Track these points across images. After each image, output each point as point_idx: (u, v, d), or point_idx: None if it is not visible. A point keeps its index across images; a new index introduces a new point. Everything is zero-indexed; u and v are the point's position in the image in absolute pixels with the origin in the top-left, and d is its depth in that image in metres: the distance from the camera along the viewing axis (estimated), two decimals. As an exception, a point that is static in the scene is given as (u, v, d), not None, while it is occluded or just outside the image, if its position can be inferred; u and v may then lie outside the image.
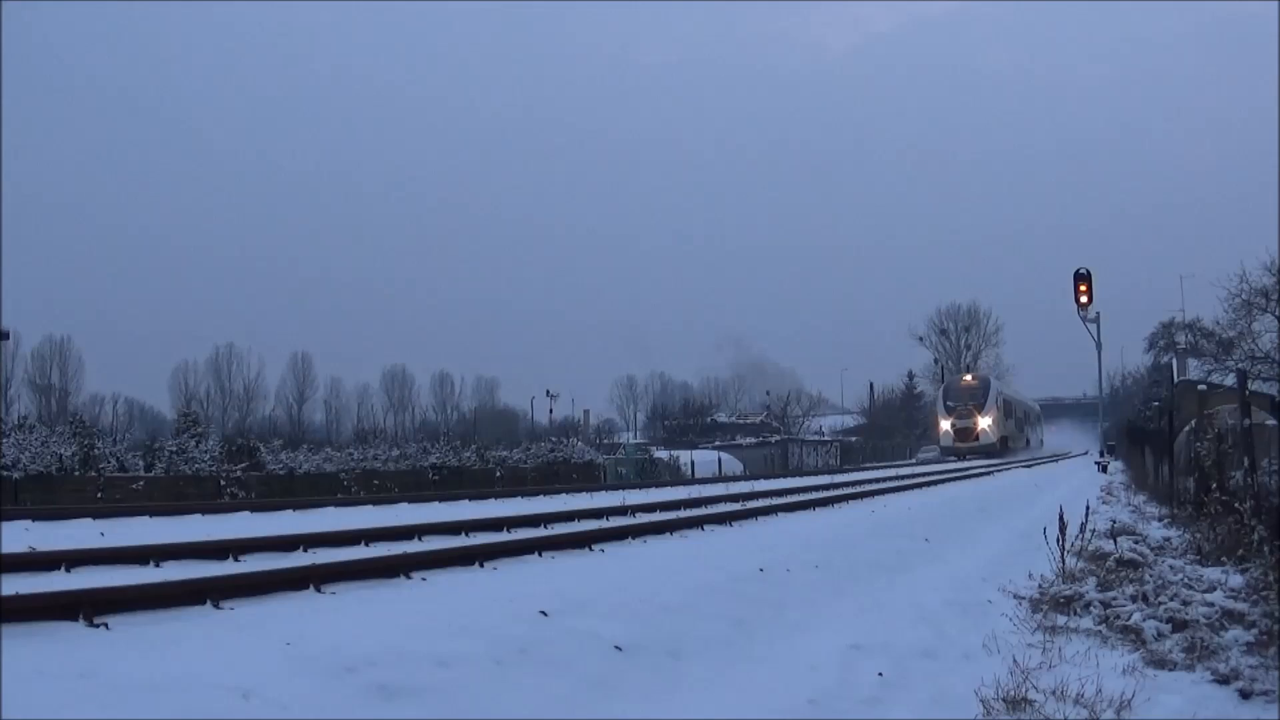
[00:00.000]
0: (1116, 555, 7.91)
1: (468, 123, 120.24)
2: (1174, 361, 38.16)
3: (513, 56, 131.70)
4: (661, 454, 40.20)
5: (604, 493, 19.12)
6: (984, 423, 58.72)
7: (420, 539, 9.40)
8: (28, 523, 10.46)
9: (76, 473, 20.24)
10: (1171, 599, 6.30)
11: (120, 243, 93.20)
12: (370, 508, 14.75)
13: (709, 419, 70.09)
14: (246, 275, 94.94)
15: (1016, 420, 65.82)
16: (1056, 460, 46.11)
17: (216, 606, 5.47)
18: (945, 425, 60.40)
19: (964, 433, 58.90)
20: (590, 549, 8.90)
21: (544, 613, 5.24)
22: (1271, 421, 13.00)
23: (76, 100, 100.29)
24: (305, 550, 8.16)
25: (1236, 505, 8.60)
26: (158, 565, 7.09)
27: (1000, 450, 56.78)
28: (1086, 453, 48.71)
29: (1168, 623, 5.81)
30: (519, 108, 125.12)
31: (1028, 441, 69.20)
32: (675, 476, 34.05)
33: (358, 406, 74.41)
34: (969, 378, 63.86)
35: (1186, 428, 15.88)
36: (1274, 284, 24.42)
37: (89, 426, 24.20)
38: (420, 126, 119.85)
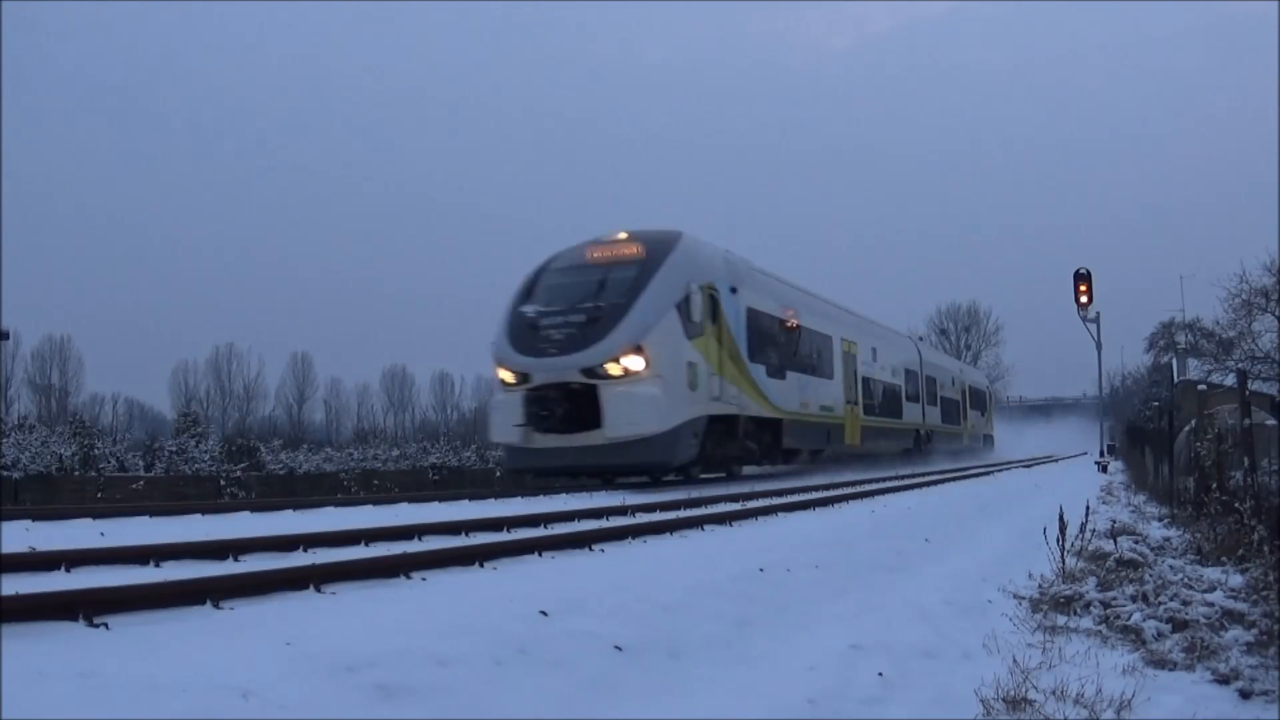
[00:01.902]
0: (1116, 555, 7.91)
1: (469, 122, 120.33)
2: (1174, 361, 38.25)
3: (514, 56, 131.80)
4: (661, 454, 39.91)
5: (603, 493, 19.10)
6: (629, 364, 17.37)
7: (420, 539, 9.39)
8: (28, 523, 10.44)
9: (76, 473, 20.31)
10: (1171, 599, 6.31)
11: (120, 243, 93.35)
12: (370, 508, 14.73)
13: (708, 419, 69.97)
14: (246, 275, 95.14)
15: (855, 380, 28.26)
16: (1056, 461, 46.01)
17: (216, 606, 5.46)
18: (508, 377, 18.36)
19: (548, 409, 17.64)
20: (590, 549, 8.89)
21: (544, 612, 5.24)
22: (1271, 421, 13.01)
23: (76, 100, 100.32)
24: (305, 550, 8.16)
25: (1236, 505, 8.62)
26: (158, 565, 7.08)
27: (687, 458, 18.76)
28: (1085, 453, 48.59)
29: (1168, 623, 5.81)
30: (520, 107, 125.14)
31: (923, 438, 35.85)
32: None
33: (358, 406, 74.57)
34: (621, 237, 19.98)
35: (1186, 428, 15.89)
36: (1274, 284, 24.50)
37: (89, 426, 24.27)
38: (421, 126, 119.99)
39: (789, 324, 24.06)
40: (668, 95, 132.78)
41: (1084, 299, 29.86)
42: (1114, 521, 10.93)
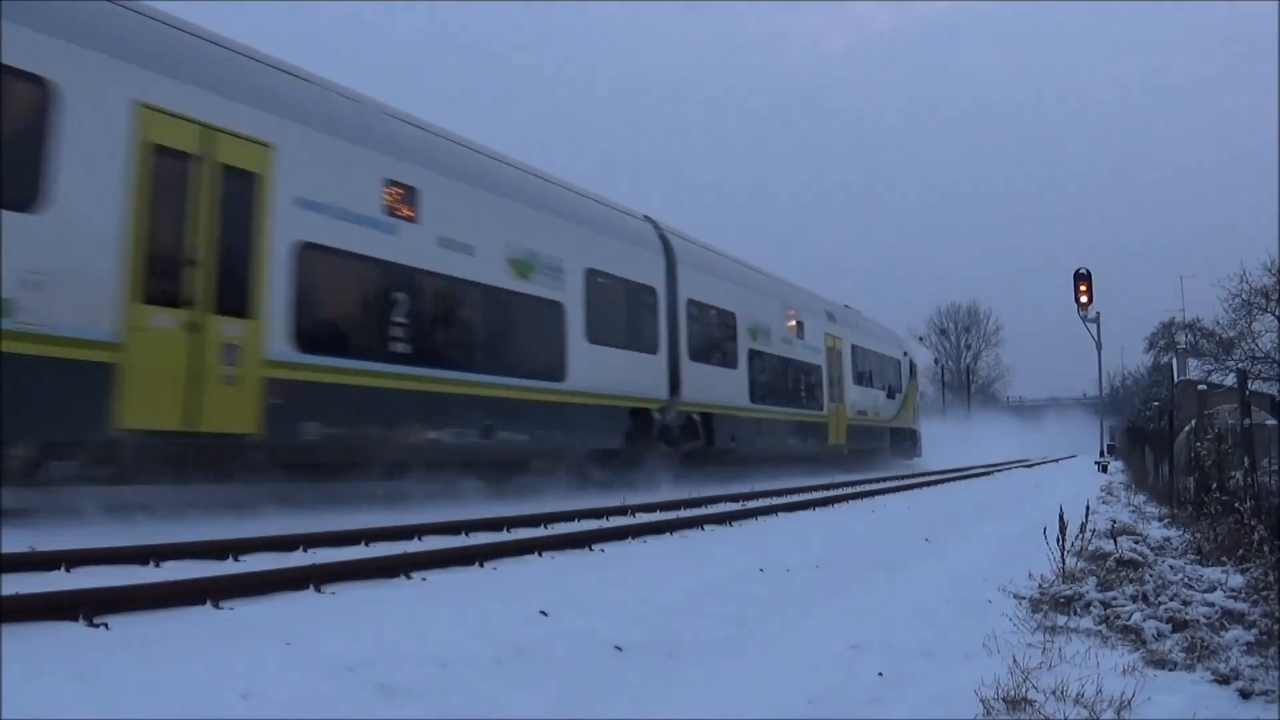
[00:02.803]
0: (1116, 555, 7.91)
1: (469, 123, 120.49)
2: (1174, 361, 38.28)
3: (514, 56, 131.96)
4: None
5: (603, 493, 19.10)
6: None
7: (420, 539, 9.40)
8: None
9: (76, 472, 20.28)
10: (1171, 599, 6.31)
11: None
12: (370, 507, 14.73)
13: (708, 419, 69.71)
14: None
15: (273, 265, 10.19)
16: (1057, 461, 45.95)
17: (216, 606, 5.47)
18: None
19: None
20: (590, 549, 8.90)
21: (544, 612, 5.24)
22: (1271, 421, 13.01)
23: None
24: (305, 550, 8.16)
25: (1236, 505, 8.62)
26: (158, 565, 7.09)
27: None
28: (1076, 455, 48.44)
29: (1168, 623, 5.81)
30: (521, 105, 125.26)
31: (676, 430, 18.15)
32: (675, 476, 33.81)
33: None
34: None
35: (1186, 428, 15.89)
36: (1274, 284, 24.49)
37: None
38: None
39: None
40: (667, 95, 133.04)
41: (1084, 299, 29.90)
42: (1114, 521, 10.93)
